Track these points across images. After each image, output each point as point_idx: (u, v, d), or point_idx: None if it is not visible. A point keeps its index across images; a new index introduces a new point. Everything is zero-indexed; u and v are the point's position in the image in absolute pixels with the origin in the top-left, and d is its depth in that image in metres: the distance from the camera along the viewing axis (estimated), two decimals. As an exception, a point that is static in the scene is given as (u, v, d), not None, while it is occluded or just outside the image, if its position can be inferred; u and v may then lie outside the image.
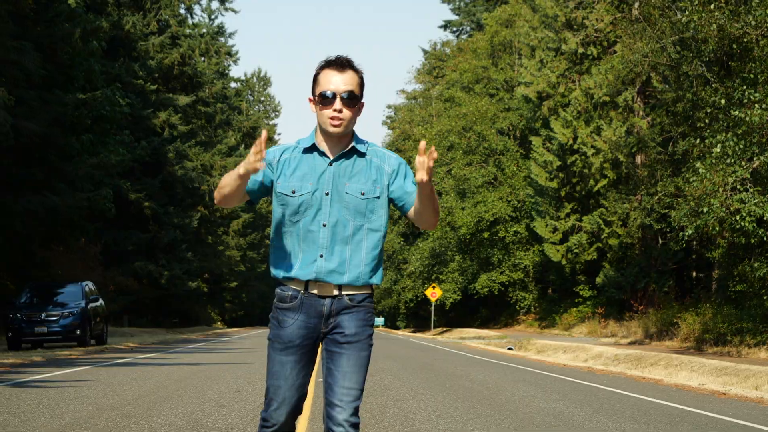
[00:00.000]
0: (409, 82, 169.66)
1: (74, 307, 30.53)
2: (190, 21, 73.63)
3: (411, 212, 4.88)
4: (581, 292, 50.71)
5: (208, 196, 69.30)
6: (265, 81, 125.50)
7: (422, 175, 4.57)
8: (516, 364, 24.52)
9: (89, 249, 50.57)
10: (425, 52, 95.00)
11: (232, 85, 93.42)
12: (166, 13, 66.26)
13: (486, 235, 60.36)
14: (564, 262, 49.57)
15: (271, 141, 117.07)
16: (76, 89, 38.51)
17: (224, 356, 25.84)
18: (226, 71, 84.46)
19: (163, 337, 43.09)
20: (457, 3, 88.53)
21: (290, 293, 4.84)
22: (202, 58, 72.93)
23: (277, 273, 4.88)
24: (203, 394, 13.68)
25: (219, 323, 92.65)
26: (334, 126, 4.76)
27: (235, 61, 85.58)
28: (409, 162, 64.62)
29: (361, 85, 4.88)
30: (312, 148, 4.87)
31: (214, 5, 79.51)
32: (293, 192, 4.81)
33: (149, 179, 59.27)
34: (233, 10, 79.35)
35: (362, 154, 4.88)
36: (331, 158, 4.84)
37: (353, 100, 4.80)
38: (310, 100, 4.91)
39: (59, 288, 32.29)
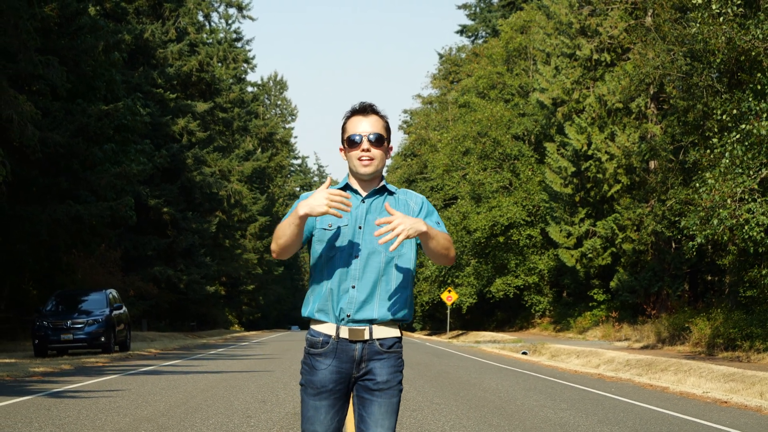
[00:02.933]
0: (425, 87, 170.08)
1: (99, 314, 31.33)
2: (207, 26, 74.54)
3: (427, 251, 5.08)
4: (595, 296, 51.23)
5: (226, 201, 70.19)
6: (282, 85, 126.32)
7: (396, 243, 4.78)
8: (529, 370, 25.21)
9: (109, 254, 51.38)
10: (441, 56, 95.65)
11: (249, 89, 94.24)
12: (184, 20, 67.12)
13: (501, 239, 60.95)
14: (578, 266, 50.12)
15: (287, 145, 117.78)
16: (98, 99, 39.37)
17: (246, 363, 26.58)
18: (243, 76, 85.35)
19: (183, 342, 43.92)
20: (473, 9, 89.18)
21: (321, 339, 4.97)
22: (219, 64, 73.81)
23: (309, 309, 5.03)
24: (230, 404, 14.44)
25: (236, 326, 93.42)
26: (365, 166, 4.96)
27: (252, 68, 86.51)
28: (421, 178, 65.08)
29: (387, 129, 5.06)
30: (345, 188, 5.07)
31: (232, 11, 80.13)
32: (330, 225, 4.97)
33: (168, 185, 60.14)
34: (251, 18, 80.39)
35: (392, 193, 5.07)
36: (363, 195, 5.03)
37: (380, 142, 4.99)
38: (340, 149, 5.10)
39: (84, 296, 33.08)
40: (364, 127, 4.98)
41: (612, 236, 46.54)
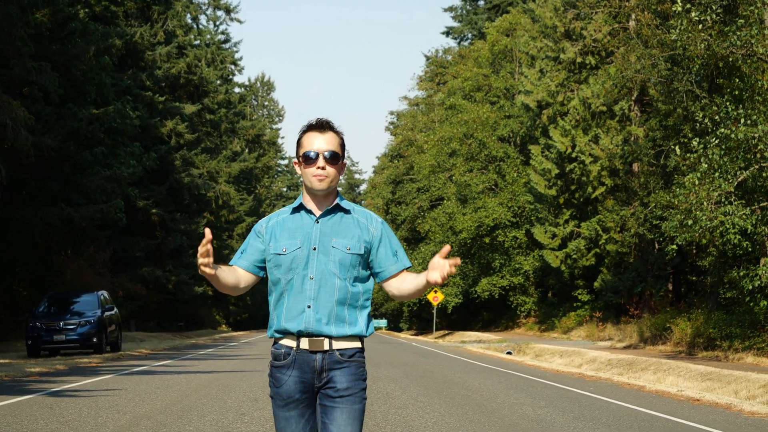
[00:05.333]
0: (412, 89, 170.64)
1: (91, 315, 31.91)
2: (195, 29, 75.08)
3: (389, 283, 5.13)
4: (580, 297, 51.78)
5: (214, 202, 70.78)
6: (269, 86, 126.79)
7: (436, 277, 4.85)
8: (512, 370, 25.85)
9: (99, 256, 51.85)
10: (427, 58, 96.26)
11: (236, 90, 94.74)
12: (172, 23, 67.61)
13: (486, 240, 61.53)
14: (563, 267, 50.72)
15: (274, 145, 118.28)
16: (88, 103, 39.91)
17: (236, 363, 27.18)
18: (231, 77, 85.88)
19: (172, 343, 44.50)
20: (459, 11, 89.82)
21: (283, 351, 5.01)
22: (207, 67, 74.34)
23: (271, 331, 5.08)
24: (224, 402, 15.06)
25: (224, 326, 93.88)
26: (320, 182, 4.98)
27: (240, 70, 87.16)
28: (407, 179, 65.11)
29: (342, 145, 5.10)
30: (299, 208, 5.09)
31: (220, 14, 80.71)
32: (284, 250, 5.01)
33: (156, 187, 60.65)
34: (238, 21, 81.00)
35: (347, 211, 5.09)
36: (317, 215, 5.05)
37: (335, 159, 5.01)
38: (295, 162, 5.14)
39: (76, 297, 33.65)
40: (320, 144, 5.02)
41: (596, 237, 47.05)
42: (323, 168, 4.98)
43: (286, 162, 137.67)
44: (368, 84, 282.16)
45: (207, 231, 4.83)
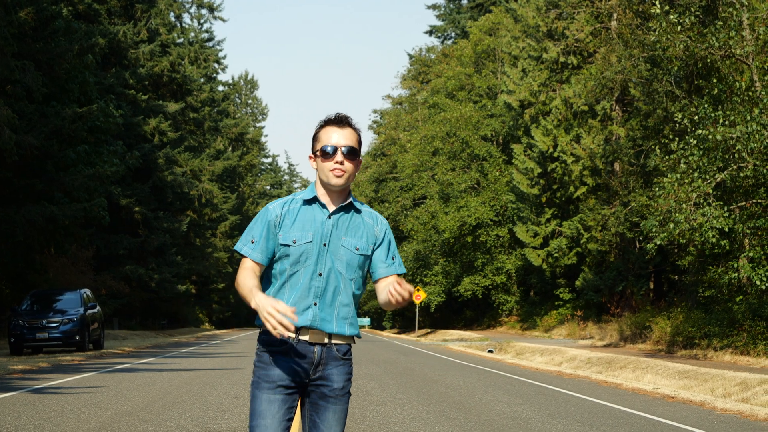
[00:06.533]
0: (395, 87, 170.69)
1: (73, 313, 32.00)
2: (178, 27, 75.18)
3: (377, 285, 5.09)
4: (561, 295, 52.07)
5: (197, 200, 70.88)
6: (252, 84, 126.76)
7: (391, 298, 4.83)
8: (492, 368, 26.07)
9: (81, 254, 51.86)
10: (411, 57, 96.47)
11: (220, 89, 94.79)
12: (156, 21, 67.67)
13: (469, 239, 61.74)
14: (545, 266, 50.99)
15: (258, 144, 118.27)
16: (72, 102, 40.03)
17: (217, 361, 27.34)
18: (214, 75, 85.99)
19: (155, 341, 44.59)
20: (442, 9, 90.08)
21: (280, 338, 4.90)
22: (191, 65, 74.44)
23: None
24: (205, 399, 15.24)
25: (207, 324, 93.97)
26: (337, 177, 4.89)
27: (223, 69, 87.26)
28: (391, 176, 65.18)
29: (360, 142, 5.00)
30: (312, 200, 4.99)
31: (203, 12, 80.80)
32: (294, 242, 4.90)
33: (139, 185, 60.74)
34: (222, 19, 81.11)
35: (358, 211, 5.03)
36: (330, 211, 4.97)
37: (353, 155, 4.94)
38: (310, 157, 5.05)
39: (59, 295, 33.71)
40: (339, 138, 4.93)
41: (577, 236, 47.32)
42: (341, 163, 4.91)
43: (269, 160, 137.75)
44: (352, 82, 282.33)
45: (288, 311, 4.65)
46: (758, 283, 24.94)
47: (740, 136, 24.95)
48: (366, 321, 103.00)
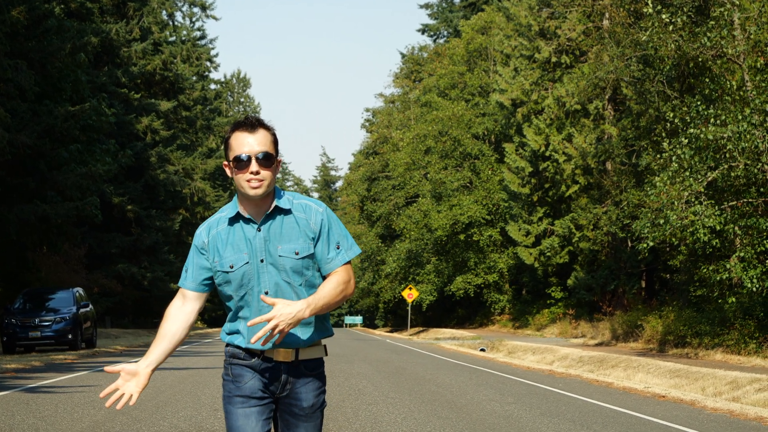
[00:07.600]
0: (388, 86, 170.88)
1: (66, 312, 32.06)
2: (171, 25, 75.19)
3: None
4: (553, 294, 52.15)
5: (190, 199, 70.92)
6: (245, 82, 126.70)
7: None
8: (484, 367, 26.16)
9: (74, 252, 51.83)
10: (403, 55, 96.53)
11: (212, 87, 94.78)
12: (148, 19, 67.68)
13: (461, 237, 61.84)
14: (537, 264, 51.09)
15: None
16: (64, 100, 40.05)
17: (210, 360, 27.38)
18: (206, 73, 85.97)
19: (147, 339, 44.59)
20: (435, 8, 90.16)
21: (244, 354, 4.72)
22: (183, 63, 74.46)
23: (230, 338, 4.79)
24: (198, 399, 15.30)
25: (199, 323, 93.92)
26: (254, 188, 4.56)
27: (215, 67, 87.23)
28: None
29: (275, 142, 4.67)
30: (237, 217, 4.69)
31: (195, 10, 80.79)
32: (231, 267, 4.64)
33: (132, 183, 60.77)
34: (214, 17, 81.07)
35: (287, 212, 4.68)
36: (258, 223, 4.65)
37: (269, 160, 4.59)
38: (225, 165, 4.70)
39: (51, 294, 33.79)
40: (252, 145, 4.57)
41: (569, 235, 47.40)
42: (257, 173, 4.56)
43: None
44: (345, 81, 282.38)
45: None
46: (749, 285, 25.03)
47: (731, 136, 25.03)
48: (358, 319, 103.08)
